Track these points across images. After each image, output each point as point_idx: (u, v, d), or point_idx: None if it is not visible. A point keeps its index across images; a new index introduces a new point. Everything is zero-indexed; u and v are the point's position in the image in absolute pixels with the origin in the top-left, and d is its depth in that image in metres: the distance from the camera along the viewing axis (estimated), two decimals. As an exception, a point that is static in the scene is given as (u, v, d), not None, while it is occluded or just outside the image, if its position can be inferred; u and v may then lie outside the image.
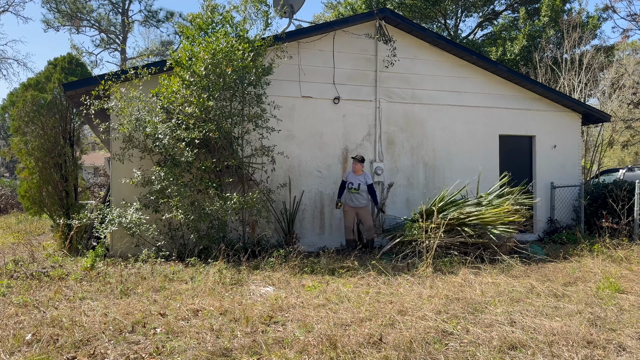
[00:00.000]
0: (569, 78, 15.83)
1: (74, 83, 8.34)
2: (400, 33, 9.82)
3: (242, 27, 7.77)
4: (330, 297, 5.37)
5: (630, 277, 6.48)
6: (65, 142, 9.02)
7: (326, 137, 9.33)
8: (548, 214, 10.85)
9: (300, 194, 8.92)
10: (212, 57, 7.24)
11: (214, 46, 7.27)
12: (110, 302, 5.08)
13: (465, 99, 10.29)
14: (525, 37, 20.47)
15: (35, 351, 3.73)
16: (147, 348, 3.86)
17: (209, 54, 7.24)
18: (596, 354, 3.82)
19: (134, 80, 7.69)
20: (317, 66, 9.26)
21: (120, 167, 7.88)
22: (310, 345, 3.86)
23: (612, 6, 22.48)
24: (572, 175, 11.07)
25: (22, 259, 7.16)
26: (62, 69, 9.69)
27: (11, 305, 4.93)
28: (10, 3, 31.87)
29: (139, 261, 6.96)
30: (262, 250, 7.54)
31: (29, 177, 8.98)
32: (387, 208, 9.35)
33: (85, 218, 7.67)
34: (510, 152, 10.74)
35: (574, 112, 11.22)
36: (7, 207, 18.17)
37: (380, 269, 6.75)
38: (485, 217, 7.69)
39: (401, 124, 9.84)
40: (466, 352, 3.81)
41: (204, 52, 7.26)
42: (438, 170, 10.08)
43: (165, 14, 38.13)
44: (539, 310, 4.93)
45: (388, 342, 3.97)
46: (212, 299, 5.19)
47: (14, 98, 9.54)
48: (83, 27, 37.22)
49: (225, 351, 3.79)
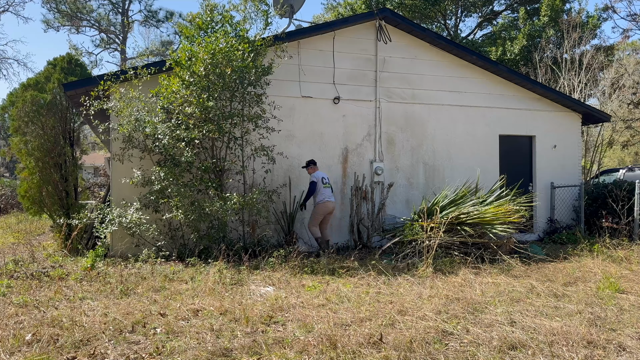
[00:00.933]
0: (569, 78, 15.83)
1: (73, 83, 8.34)
2: (400, 33, 9.83)
3: (242, 27, 7.77)
4: (330, 297, 5.37)
5: (630, 277, 6.48)
6: (65, 142, 9.02)
7: (326, 137, 9.33)
8: (548, 214, 10.85)
9: (300, 194, 8.92)
10: (211, 57, 7.24)
11: (213, 46, 7.27)
12: (110, 302, 5.08)
13: (465, 99, 10.29)
14: (525, 37, 20.47)
15: (35, 351, 3.73)
16: (147, 348, 3.87)
17: (208, 54, 7.24)
18: (596, 354, 3.82)
19: (134, 81, 7.69)
20: (317, 66, 9.27)
21: (120, 167, 7.88)
22: (311, 345, 3.86)
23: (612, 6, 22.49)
24: (572, 175, 11.07)
25: (22, 259, 7.17)
26: (61, 69, 9.69)
27: (11, 305, 4.93)
28: (10, 3, 31.90)
29: (139, 261, 6.97)
30: (262, 250, 7.54)
31: (29, 177, 8.99)
32: (387, 208, 9.36)
33: (85, 218, 7.67)
34: (510, 152, 10.74)
35: (574, 112, 11.22)
36: (7, 207, 18.18)
37: (380, 269, 6.75)
38: (485, 217, 7.69)
39: (401, 124, 9.84)
40: (466, 352, 3.81)
41: (204, 52, 7.26)
42: (438, 170, 10.08)
43: (165, 14, 38.16)
44: (539, 310, 4.93)
45: (388, 342, 3.97)
46: (212, 299, 5.19)
47: (14, 98, 9.55)
48: (83, 27, 37.22)
49: (225, 351, 3.79)
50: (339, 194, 9.30)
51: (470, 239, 7.58)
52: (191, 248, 7.45)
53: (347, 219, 9.16)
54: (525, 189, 10.28)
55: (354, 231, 8.88)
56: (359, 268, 6.83)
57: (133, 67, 7.92)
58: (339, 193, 9.31)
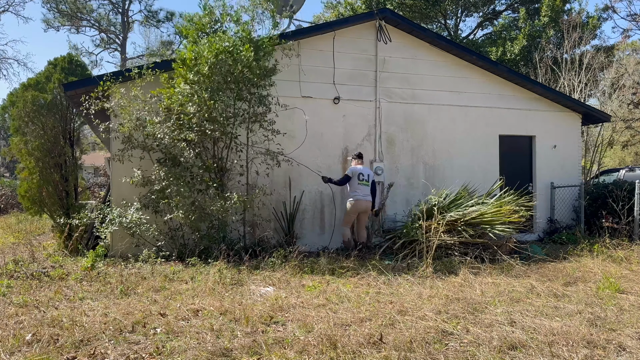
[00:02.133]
0: (569, 78, 15.83)
1: (74, 83, 8.34)
2: (400, 33, 9.83)
3: (244, 29, 7.72)
4: (331, 297, 5.37)
5: (630, 277, 6.48)
6: (65, 142, 9.02)
7: (326, 137, 9.33)
8: (548, 214, 10.85)
9: (300, 194, 8.92)
10: (215, 57, 7.22)
11: (217, 46, 7.25)
12: (110, 302, 5.08)
13: (465, 99, 10.29)
14: (525, 37, 20.47)
15: (35, 351, 3.74)
16: (147, 348, 3.87)
17: (212, 54, 7.22)
18: (596, 354, 3.82)
19: (137, 81, 7.67)
20: (317, 66, 9.26)
21: (120, 167, 7.88)
22: (311, 345, 3.86)
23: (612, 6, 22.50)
24: (572, 175, 11.07)
25: (22, 259, 7.17)
26: (62, 69, 9.68)
27: (11, 305, 4.93)
28: (10, 3, 31.91)
29: (139, 261, 6.96)
30: (263, 250, 7.54)
31: (29, 177, 8.98)
32: (387, 208, 9.36)
33: (85, 218, 7.67)
34: (510, 152, 10.74)
35: (574, 112, 11.22)
36: (8, 207, 18.17)
37: (381, 269, 6.75)
38: (485, 218, 7.70)
39: (401, 124, 9.84)
40: (466, 352, 3.81)
41: (208, 51, 7.23)
42: (438, 170, 10.07)
43: (166, 15, 38.18)
44: (539, 310, 4.93)
45: (388, 342, 3.97)
46: (213, 299, 5.19)
47: (14, 98, 9.53)
48: (83, 27, 37.25)
49: (225, 351, 3.79)
50: (339, 194, 9.31)
51: (470, 239, 7.58)
52: (191, 248, 7.45)
53: (347, 219, 9.17)
54: (525, 189, 10.28)
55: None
56: (359, 268, 6.83)
57: (138, 66, 7.91)
58: (339, 193, 9.32)
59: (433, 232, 7.44)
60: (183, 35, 7.86)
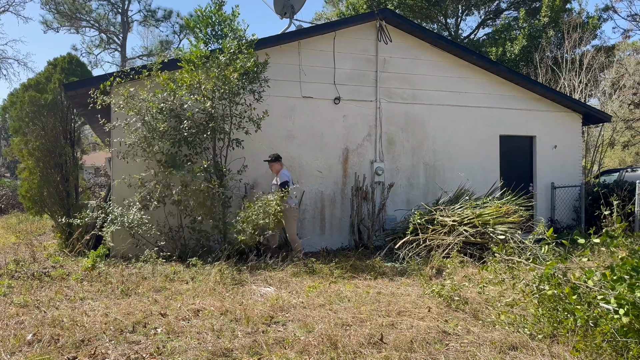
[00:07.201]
0: (569, 78, 15.83)
1: (74, 83, 8.34)
2: (400, 33, 9.83)
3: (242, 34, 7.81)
4: (331, 297, 5.37)
5: (630, 278, 6.47)
6: (65, 142, 9.01)
7: (327, 137, 9.33)
8: (548, 214, 10.85)
9: (300, 194, 8.92)
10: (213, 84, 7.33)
11: (213, 74, 7.34)
12: (111, 302, 5.08)
13: (465, 99, 10.29)
14: (525, 37, 20.49)
15: (36, 351, 3.74)
16: (148, 348, 3.87)
17: (211, 83, 7.32)
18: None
19: (146, 82, 7.66)
20: (318, 66, 9.27)
21: (121, 167, 7.88)
22: (311, 346, 3.86)
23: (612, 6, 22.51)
24: (572, 175, 11.07)
25: (23, 259, 7.17)
26: (62, 69, 9.66)
27: (12, 305, 4.93)
28: (10, 3, 31.90)
29: (140, 261, 6.97)
30: (264, 250, 7.54)
31: (29, 178, 8.98)
32: (388, 208, 9.36)
33: (86, 218, 7.66)
34: (510, 152, 10.74)
35: (575, 113, 11.22)
36: (8, 207, 18.16)
37: (381, 269, 6.75)
38: (485, 218, 7.70)
39: (401, 124, 9.84)
40: (467, 352, 3.81)
41: (205, 78, 7.39)
42: (438, 170, 10.07)
43: (164, 13, 38.16)
44: (539, 311, 4.92)
45: (389, 342, 3.97)
46: (213, 299, 5.20)
47: (15, 98, 9.53)
48: (82, 28, 37.23)
49: (225, 351, 3.79)
50: (339, 194, 9.31)
51: (471, 239, 7.58)
52: (192, 248, 7.45)
53: (348, 220, 9.17)
54: (526, 189, 10.28)
55: (355, 231, 8.88)
56: (359, 268, 6.83)
57: (143, 66, 7.91)
58: (339, 193, 9.32)
59: (433, 232, 7.44)
60: (190, 29, 7.88)
